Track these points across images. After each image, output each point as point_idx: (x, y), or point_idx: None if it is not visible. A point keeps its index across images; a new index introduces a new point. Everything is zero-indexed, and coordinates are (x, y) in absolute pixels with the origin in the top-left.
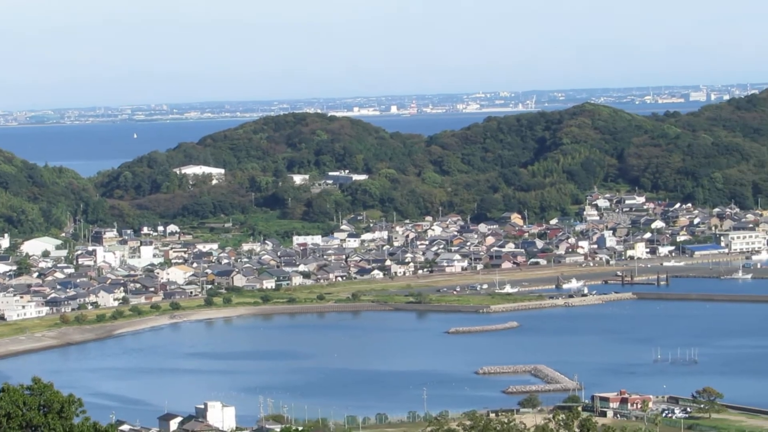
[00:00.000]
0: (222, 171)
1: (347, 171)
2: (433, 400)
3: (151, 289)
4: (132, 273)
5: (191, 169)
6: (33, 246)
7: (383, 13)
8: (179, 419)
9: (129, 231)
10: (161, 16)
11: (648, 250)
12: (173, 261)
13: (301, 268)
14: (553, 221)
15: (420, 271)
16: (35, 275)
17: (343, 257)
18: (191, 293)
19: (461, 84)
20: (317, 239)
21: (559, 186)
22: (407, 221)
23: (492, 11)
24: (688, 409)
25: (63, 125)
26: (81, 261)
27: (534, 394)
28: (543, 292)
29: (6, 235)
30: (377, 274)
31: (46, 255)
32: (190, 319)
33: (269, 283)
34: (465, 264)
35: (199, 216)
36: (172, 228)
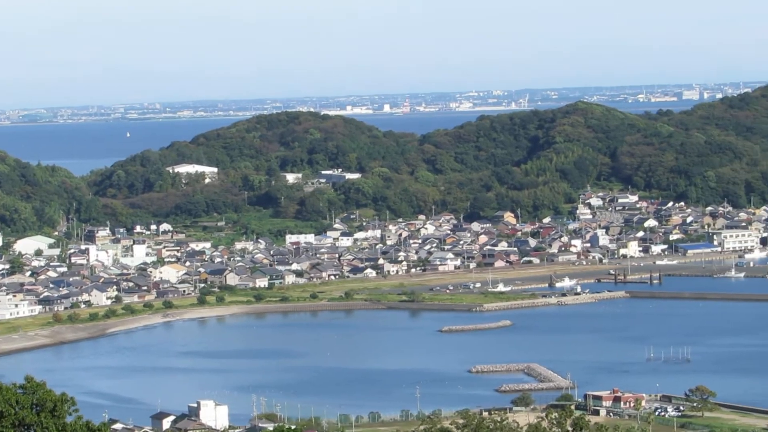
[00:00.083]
0: (215, 170)
1: (340, 170)
2: (426, 398)
3: (144, 288)
4: (125, 272)
5: (184, 168)
6: (26, 245)
7: (377, 13)
8: (172, 418)
9: (122, 230)
10: (154, 15)
11: (641, 248)
12: (166, 260)
13: (294, 266)
14: (546, 220)
15: (413, 270)
16: (28, 274)
17: (336, 256)
18: (184, 292)
19: (454, 82)
20: (310, 238)
21: (552, 185)
22: (400, 220)
23: (485, 10)
24: (680, 408)
25: (56, 124)
26: (74, 260)
27: (527, 392)
28: (536, 290)
29: None
30: (370, 272)
31: (38, 254)
32: (182, 318)
33: (262, 282)
34: (458, 263)
35: (192, 215)
36: (165, 227)
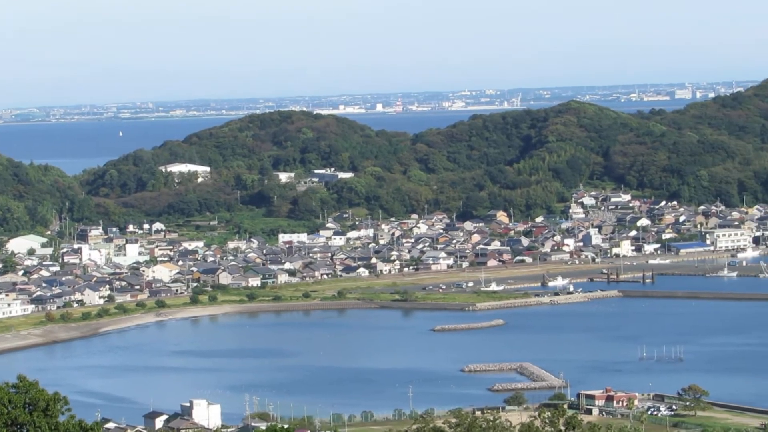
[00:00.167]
0: (207, 169)
1: (333, 169)
2: (419, 397)
3: (137, 287)
4: (117, 271)
5: (177, 167)
6: (18, 244)
7: (369, 13)
8: (165, 417)
9: (114, 229)
10: (147, 15)
11: (633, 247)
12: (159, 259)
13: (287, 266)
14: (539, 219)
15: (406, 269)
16: (21, 273)
17: (329, 255)
18: (177, 291)
19: (447, 82)
20: (303, 237)
21: (545, 184)
22: (393, 219)
23: (478, 10)
24: (673, 407)
25: (48, 123)
26: (66, 259)
27: (519, 391)
28: (529, 289)
29: None
30: (363, 271)
31: (31, 253)
32: (175, 317)
33: (255, 281)
34: (450, 262)
35: (185, 214)
36: (157, 226)
